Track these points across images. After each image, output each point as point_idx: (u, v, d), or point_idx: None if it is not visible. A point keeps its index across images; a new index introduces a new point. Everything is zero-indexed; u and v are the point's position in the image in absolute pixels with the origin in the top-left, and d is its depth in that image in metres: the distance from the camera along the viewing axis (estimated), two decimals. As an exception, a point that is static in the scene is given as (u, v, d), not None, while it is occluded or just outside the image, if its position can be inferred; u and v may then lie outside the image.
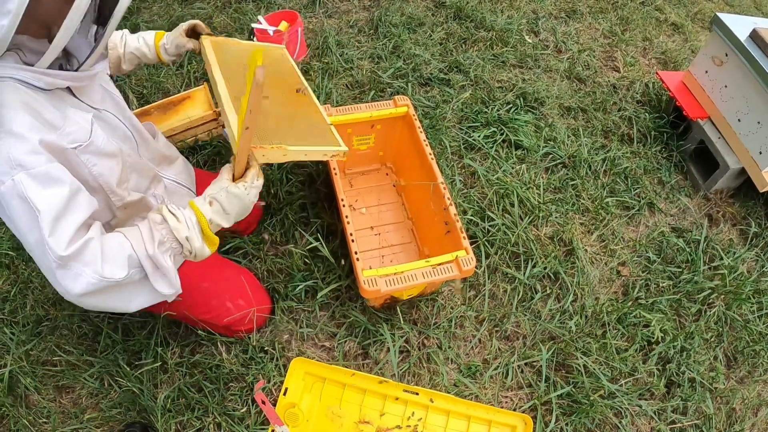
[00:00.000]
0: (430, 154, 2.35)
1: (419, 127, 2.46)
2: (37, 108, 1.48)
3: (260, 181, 1.68)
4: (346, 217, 2.11)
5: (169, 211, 1.58)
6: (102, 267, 1.45)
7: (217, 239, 1.65)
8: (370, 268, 2.00)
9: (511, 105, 3.24)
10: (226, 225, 1.66)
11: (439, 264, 2.04)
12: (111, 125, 1.76)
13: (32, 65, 1.46)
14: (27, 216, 1.39)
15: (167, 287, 1.59)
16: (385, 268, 2.01)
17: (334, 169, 2.27)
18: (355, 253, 2.02)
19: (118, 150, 1.71)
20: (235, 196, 1.63)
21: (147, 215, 1.61)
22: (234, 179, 1.65)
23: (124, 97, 2.87)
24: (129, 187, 1.79)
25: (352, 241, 2.05)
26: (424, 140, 2.41)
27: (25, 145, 1.40)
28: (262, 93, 1.48)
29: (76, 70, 1.57)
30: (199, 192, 2.17)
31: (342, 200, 2.16)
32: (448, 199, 2.22)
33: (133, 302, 1.60)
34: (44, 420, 2.06)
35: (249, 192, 1.65)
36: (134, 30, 3.43)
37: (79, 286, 1.42)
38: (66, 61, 1.62)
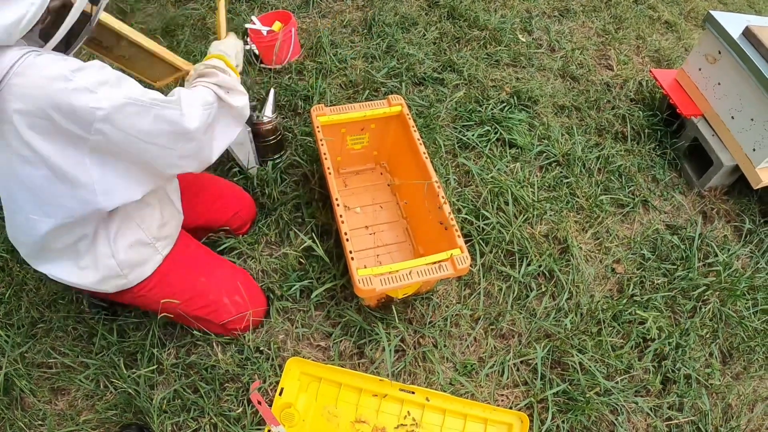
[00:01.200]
0: (425, 153, 2.36)
1: (413, 126, 2.46)
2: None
3: (239, 42, 2.16)
4: (341, 216, 2.11)
5: (206, 65, 1.94)
6: (201, 98, 1.75)
7: (234, 67, 2.03)
8: (365, 267, 2.00)
9: (504, 104, 3.24)
10: (233, 61, 2.05)
11: (434, 262, 2.04)
12: None
13: None
14: (134, 112, 1.50)
15: (240, 96, 1.93)
16: (379, 267, 2.01)
17: (329, 168, 2.27)
18: (350, 252, 2.02)
19: None
20: (232, 43, 2.12)
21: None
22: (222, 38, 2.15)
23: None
24: None
25: (347, 240, 2.05)
26: (418, 139, 2.41)
27: (91, 69, 1.45)
28: None
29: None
30: (186, 191, 2.21)
31: (336, 200, 2.16)
32: (443, 197, 2.22)
33: (228, 130, 1.93)
34: (40, 422, 2.05)
35: (235, 40, 2.15)
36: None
37: (195, 120, 1.68)
38: None
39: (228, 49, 2.08)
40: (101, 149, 1.50)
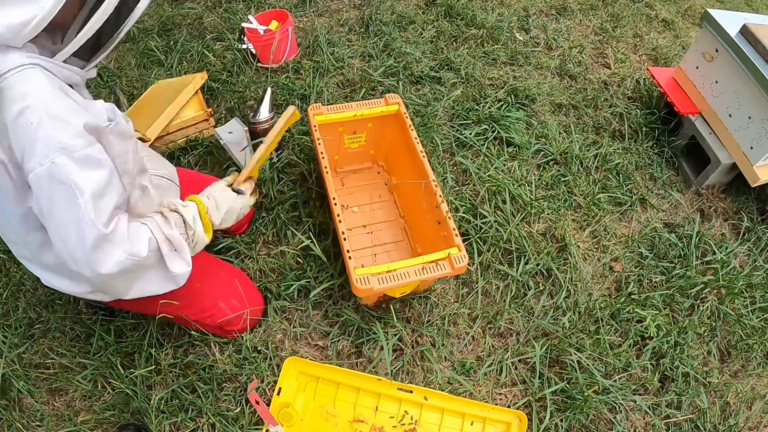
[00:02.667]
0: (422, 151, 2.35)
1: (410, 125, 2.45)
2: (69, 93, 1.52)
3: (252, 199, 2.04)
4: (338, 215, 2.11)
5: (176, 202, 1.80)
6: (130, 246, 1.55)
7: (211, 229, 1.87)
8: (363, 267, 2.00)
9: (502, 102, 3.24)
10: (216, 221, 1.89)
11: (432, 261, 2.04)
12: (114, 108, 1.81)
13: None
14: (65, 198, 1.43)
15: (184, 265, 1.72)
16: (377, 266, 2.00)
17: (326, 167, 2.26)
18: (348, 251, 2.02)
19: (131, 130, 1.77)
20: (229, 196, 1.94)
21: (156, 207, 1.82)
22: (232, 183, 2.00)
23: (115, 98, 2.88)
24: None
25: (345, 239, 2.04)
26: (416, 138, 2.40)
27: (68, 129, 1.44)
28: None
29: (83, 68, 1.62)
30: (184, 191, 2.19)
31: (334, 199, 2.15)
32: (440, 196, 2.21)
33: (137, 288, 1.72)
34: (38, 423, 2.05)
35: (241, 198, 1.98)
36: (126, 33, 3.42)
37: (109, 265, 1.51)
38: None
39: (222, 200, 1.92)
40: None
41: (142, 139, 2.36)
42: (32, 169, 1.41)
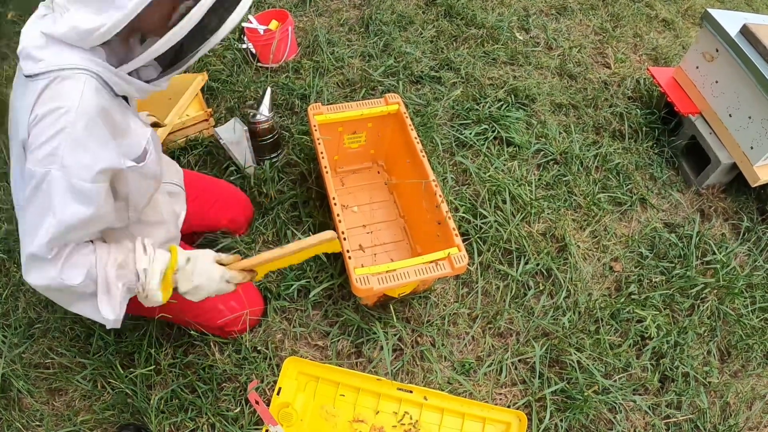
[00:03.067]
0: (422, 151, 2.35)
1: (410, 125, 2.45)
2: (110, 112, 1.49)
3: (231, 286, 1.77)
4: (338, 215, 2.11)
5: (143, 243, 1.65)
6: (63, 270, 1.48)
7: (171, 292, 1.69)
8: (362, 266, 2.00)
9: (502, 102, 3.24)
10: (181, 289, 1.71)
11: (432, 261, 2.04)
12: (155, 141, 1.77)
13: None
14: (39, 206, 1.41)
15: (110, 312, 1.60)
16: (377, 266, 2.01)
17: (326, 167, 2.26)
18: (347, 251, 2.02)
19: (159, 172, 1.74)
20: (211, 272, 1.73)
21: (124, 239, 1.67)
22: (222, 263, 1.77)
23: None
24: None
25: (344, 239, 2.04)
26: (416, 138, 2.40)
27: (82, 158, 1.41)
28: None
29: (148, 82, 1.60)
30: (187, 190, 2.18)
31: (333, 198, 2.15)
32: (440, 196, 2.21)
33: (76, 307, 1.62)
34: (37, 423, 2.04)
35: (222, 281, 1.75)
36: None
37: (38, 279, 1.47)
38: None
39: (201, 272, 1.71)
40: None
41: (157, 124, 2.31)
42: (29, 164, 1.40)
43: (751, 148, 2.72)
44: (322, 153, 2.30)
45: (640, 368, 2.31)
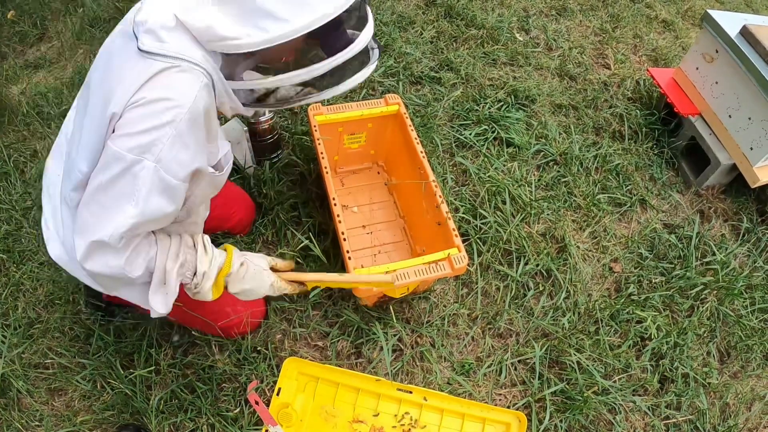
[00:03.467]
0: (422, 152, 2.35)
1: (410, 126, 2.46)
2: (211, 115, 1.49)
3: (283, 291, 1.81)
4: (338, 216, 2.11)
5: (203, 242, 1.65)
6: (127, 262, 1.45)
7: (222, 291, 1.71)
8: (362, 267, 2.00)
9: (502, 103, 3.24)
10: (230, 290, 1.73)
11: (431, 262, 2.04)
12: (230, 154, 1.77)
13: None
14: (120, 193, 1.38)
15: (161, 305, 1.58)
16: (376, 266, 2.00)
17: (326, 167, 2.26)
18: (347, 252, 2.02)
19: (223, 183, 1.75)
20: (263, 279, 1.75)
21: (182, 233, 1.65)
22: (276, 268, 1.82)
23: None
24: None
25: (344, 240, 2.04)
26: (416, 138, 2.41)
27: (180, 154, 1.40)
28: None
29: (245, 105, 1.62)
30: None
31: (333, 199, 2.15)
32: (440, 197, 2.21)
33: (122, 292, 1.66)
34: (37, 423, 2.04)
35: (272, 288, 1.78)
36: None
37: (99, 266, 1.43)
38: None
39: (253, 278, 1.73)
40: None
41: None
42: (119, 145, 1.35)
43: (751, 149, 2.73)
44: (322, 153, 2.31)
45: (639, 369, 2.32)
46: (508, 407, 2.17)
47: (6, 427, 2.03)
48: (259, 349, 2.19)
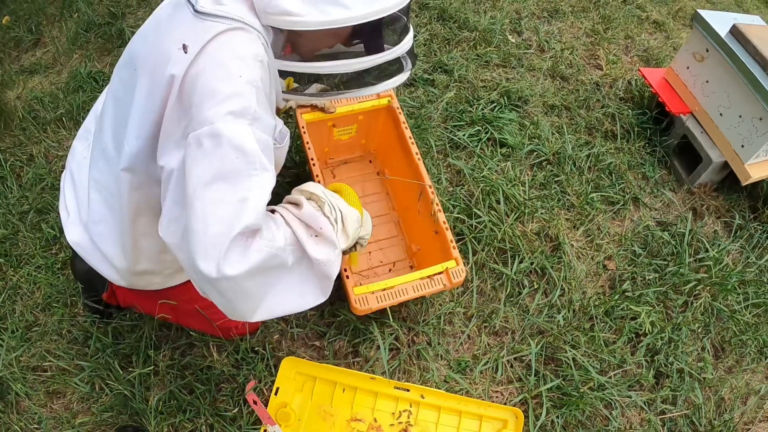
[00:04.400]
0: (417, 153, 2.35)
1: (404, 122, 2.44)
2: (272, 80, 1.48)
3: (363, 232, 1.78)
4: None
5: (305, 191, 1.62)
6: (267, 232, 1.36)
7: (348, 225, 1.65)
8: (360, 285, 2.00)
9: (495, 104, 3.26)
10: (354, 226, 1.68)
11: (428, 276, 2.04)
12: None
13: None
14: (231, 166, 1.27)
15: (327, 249, 1.49)
16: (375, 284, 2.00)
17: (317, 176, 2.25)
18: (345, 270, 2.01)
19: (281, 162, 1.75)
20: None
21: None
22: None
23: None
24: None
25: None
26: (410, 137, 2.40)
27: (267, 113, 1.37)
28: None
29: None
30: None
31: None
32: (437, 204, 2.21)
33: (280, 290, 1.48)
34: (36, 426, 2.05)
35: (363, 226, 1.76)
36: (120, 35, 3.44)
37: (241, 262, 1.28)
38: None
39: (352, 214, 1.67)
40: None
41: None
42: (209, 117, 1.27)
43: (742, 146, 2.75)
44: (312, 160, 2.28)
45: (634, 365, 2.33)
46: (505, 404, 2.19)
47: (5, 430, 2.04)
48: (256, 349, 2.20)
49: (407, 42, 1.61)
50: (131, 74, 1.48)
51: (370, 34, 1.52)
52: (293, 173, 2.71)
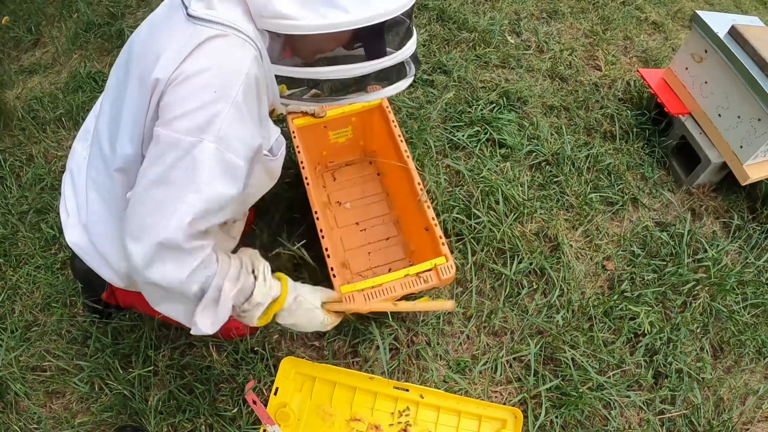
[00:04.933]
0: (406, 152, 2.34)
1: (393, 120, 2.44)
2: (263, 91, 1.45)
3: (332, 326, 1.86)
4: (321, 231, 2.10)
5: (263, 271, 1.61)
6: (191, 274, 1.35)
7: (269, 321, 1.67)
8: (349, 283, 1.99)
9: (494, 104, 3.26)
10: (280, 322, 1.72)
11: (417, 274, 2.02)
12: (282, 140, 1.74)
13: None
14: (179, 180, 1.29)
15: (209, 325, 1.46)
16: (362, 282, 1.98)
17: (306, 178, 2.25)
18: (332, 269, 2.00)
19: (278, 173, 1.73)
20: (311, 316, 1.77)
21: (241, 255, 1.60)
22: (326, 300, 1.83)
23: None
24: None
25: (328, 256, 2.04)
26: (399, 135, 2.39)
27: (240, 129, 1.33)
28: None
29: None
30: None
31: (316, 212, 2.15)
32: (426, 201, 2.21)
33: (163, 307, 1.49)
34: (35, 426, 2.05)
35: (321, 325, 1.81)
36: (119, 35, 3.44)
37: (156, 274, 1.32)
38: None
39: (302, 314, 1.73)
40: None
41: None
42: (173, 128, 1.28)
43: (741, 147, 2.75)
44: (302, 163, 2.28)
45: (633, 365, 2.34)
46: (504, 404, 2.19)
47: (4, 430, 2.04)
48: (256, 349, 2.20)
49: (410, 46, 1.57)
50: (125, 75, 1.49)
51: (372, 38, 1.48)
52: (293, 173, 2.71)
